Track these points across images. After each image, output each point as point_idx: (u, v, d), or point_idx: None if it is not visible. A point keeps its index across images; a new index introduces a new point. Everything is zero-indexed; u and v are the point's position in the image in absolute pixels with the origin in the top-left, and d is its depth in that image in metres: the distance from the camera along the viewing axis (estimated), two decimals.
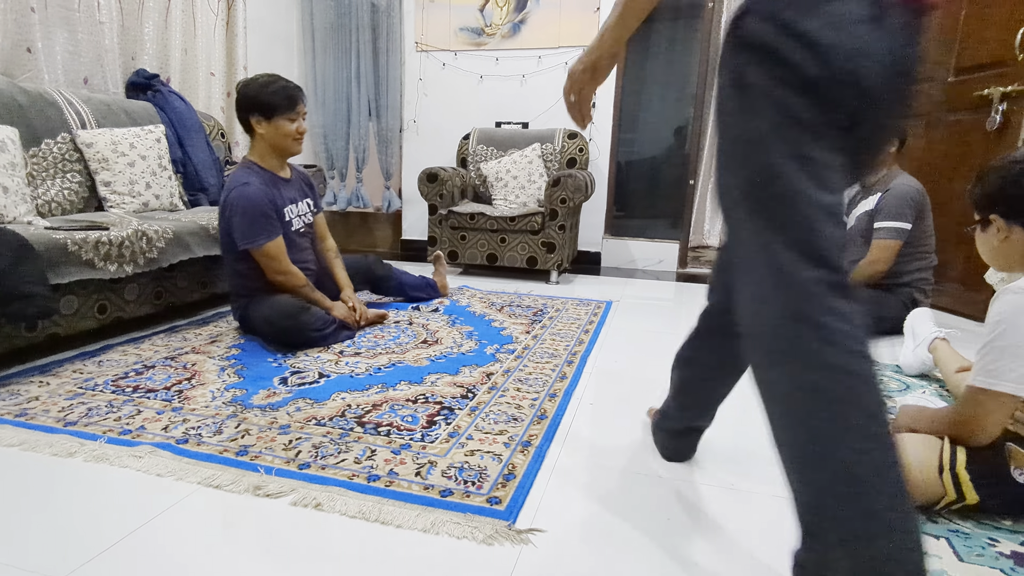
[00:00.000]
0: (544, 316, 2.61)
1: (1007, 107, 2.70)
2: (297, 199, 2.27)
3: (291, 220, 2.22)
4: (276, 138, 2.12)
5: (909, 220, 2.46)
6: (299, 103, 2.12)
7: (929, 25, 0.85)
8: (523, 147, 3.74)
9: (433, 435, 1.45)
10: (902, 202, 2.47)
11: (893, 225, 2.46)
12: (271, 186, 2.15)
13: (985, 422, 1.14)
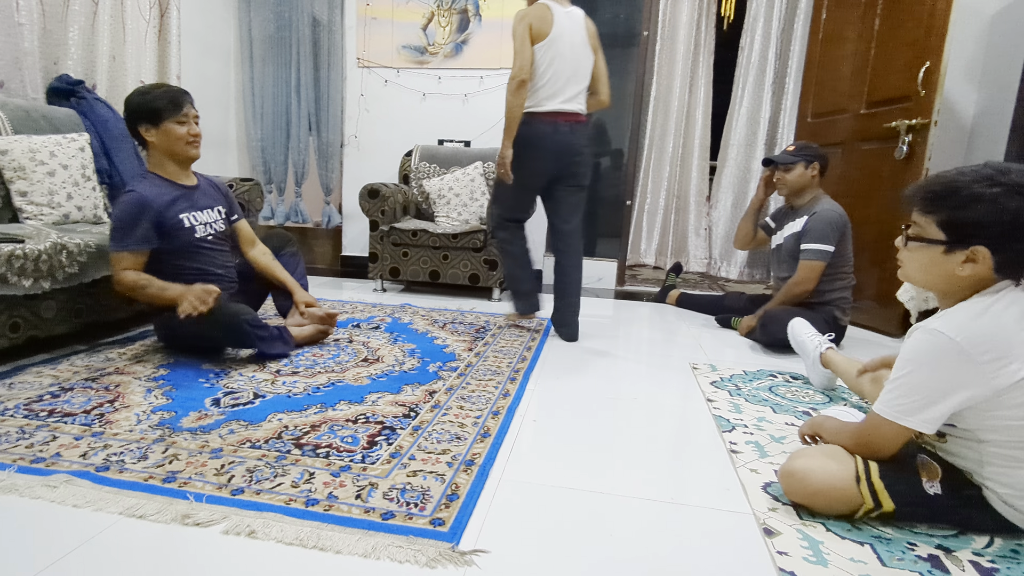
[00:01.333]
0: (486, 333, 2.60)
1: (912, 138, 2.90)
2: (203, 206, 2.18)
3: (193, 227, 2.12)
4: (168, 144, 2.05)
5: (832, 243, 2.60)
6: (184, 105, 2.05)
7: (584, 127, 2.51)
8: (465, 165, 3.74)
9: (374, 456, 1.40)
10: (827, 226, 2.61)
11: (818, 247, 2.59)
12: (167, 193, 2.06)
13: (883, 448, 1.20)
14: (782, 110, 4.54)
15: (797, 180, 2.72)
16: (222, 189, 2.34)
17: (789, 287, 2.65)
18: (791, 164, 2.72)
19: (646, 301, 3.76)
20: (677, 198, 4.92)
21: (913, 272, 1.24)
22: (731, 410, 1.84)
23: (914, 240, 1.20)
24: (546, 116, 2.41)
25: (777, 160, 2.77)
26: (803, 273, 2.61)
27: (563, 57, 2.38)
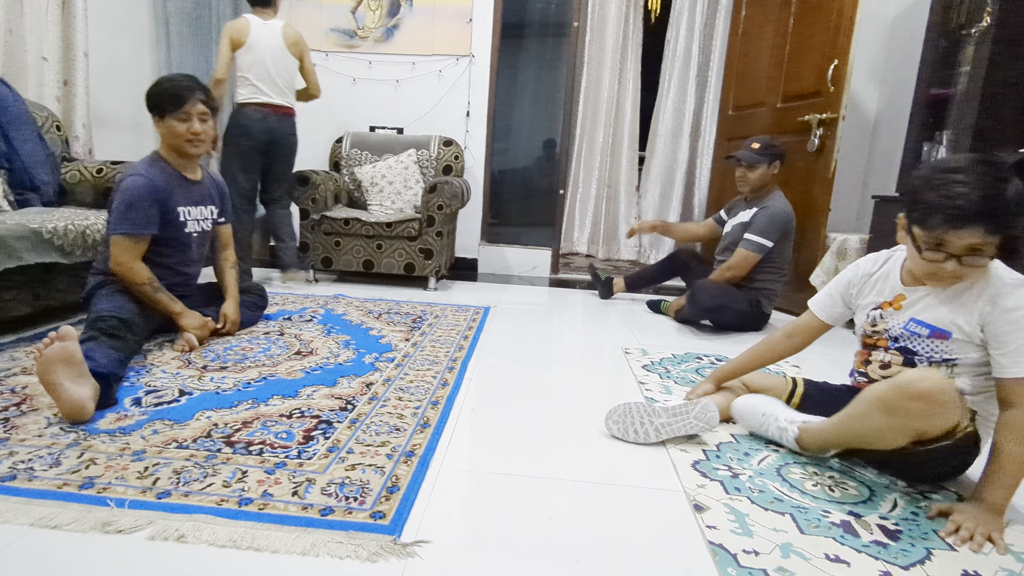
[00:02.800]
0: (423, 323, 2.57)
1: (823, 131, 3.06)
2: (200, 204, 2.15)
3: (185, 222, 2.08)
4: (169, 139, 2.02)
5: (772, 240, 2.73)
6: (187, 103, 1.97)
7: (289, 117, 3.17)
8: (398, 152, 3.67)
9: (311, 451, 1.36)
10: (771, 222, 2.73)
11: (758, 240, 2.72)
12: (172, 184, 2.03)
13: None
14: (706, 103, 4.69)
15: (759, 179, 2.81)
16: (220, 189, 2.30)
17: (722, 269, 2.79)
18: (756, 163, 2.79)
19: (580, 288, 3.82)
20: (608, 187, 5.01)
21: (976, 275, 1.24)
22: (662, 392, 1.90)
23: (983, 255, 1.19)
24: (255, 107, 3.03)
25: (743, 159, 2.82)
26: (737, 260, 2.74)
27: (262, 60, 3.01)
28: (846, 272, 1.51)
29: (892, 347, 1.39)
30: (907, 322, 1.34)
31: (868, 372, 1.44)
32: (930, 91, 2.70)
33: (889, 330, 1.38)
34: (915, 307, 1.34)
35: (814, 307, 1.57)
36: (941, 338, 1.29)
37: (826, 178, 3.04)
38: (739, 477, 1.36)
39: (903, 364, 1.36)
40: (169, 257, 2.06)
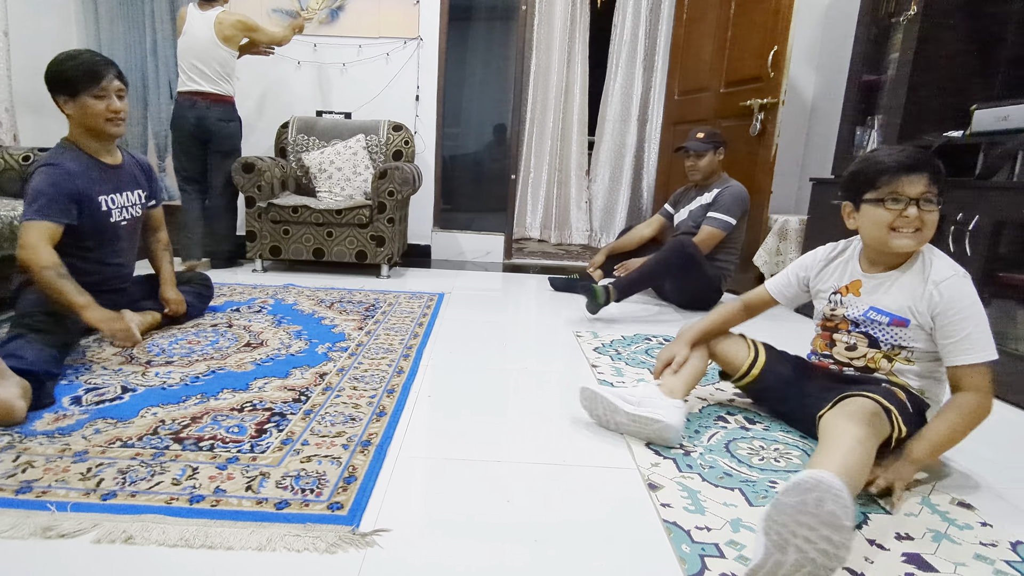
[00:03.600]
0: (377, 311, 2.53)
1: (764, 116, 3.14)
2: (123, 189, 2.00)
3: (109, 211, 1.93)
4: (85, 119, 1.84)
5: (736, 217, 2.84)
6: (104, 78, 1.83)
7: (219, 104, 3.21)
8: (347, 138, 3.58)
9: (264, 444, 1.33)
10: (735, 201, 2.84)
11: (723, 217, 2.82)
12: (88, 171, 1.87)
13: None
14: (652, 87, 4.75)
15: (708, 166, 2.94)
16: (146, 170, 2.15)
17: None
18: (703, 152, 2.91)
19: (533, 273, 3.84)
20: (559, 172, 5.02)
21: (931, 231, 1.31)
22: (613, 374, 1.93)
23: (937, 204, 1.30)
24: (186, 95, 3.16)
25: (692, 148, 2.93)
26: (703, 236, 2.82)
27: (193, 50, 3.10)
28: (805, 257, 1.57)
29: (854, 331, 1.43)
30: (867, 309, 1.39)
31: (834, 354, 1.48)
32: (862, 77, 2.80)
33: (848, 315, 1.43)
34: (874, 294, 1.39)
35: (772, 290, 1.61)
36: (900, 325, 1.35)
37: (768, 161, 3.12)
38: (691, 455, 1.39)
39: (868, 346, 1.41)
40: (96, 251, 1.92)
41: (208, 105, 3.17)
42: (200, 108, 3.15)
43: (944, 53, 2.42)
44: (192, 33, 3.09)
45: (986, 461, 1.47)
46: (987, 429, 1.66)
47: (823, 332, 1.52)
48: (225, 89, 3.22)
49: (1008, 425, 1.73)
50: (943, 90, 2.43)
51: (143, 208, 2.10)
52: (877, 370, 1.41)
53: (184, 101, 3.16)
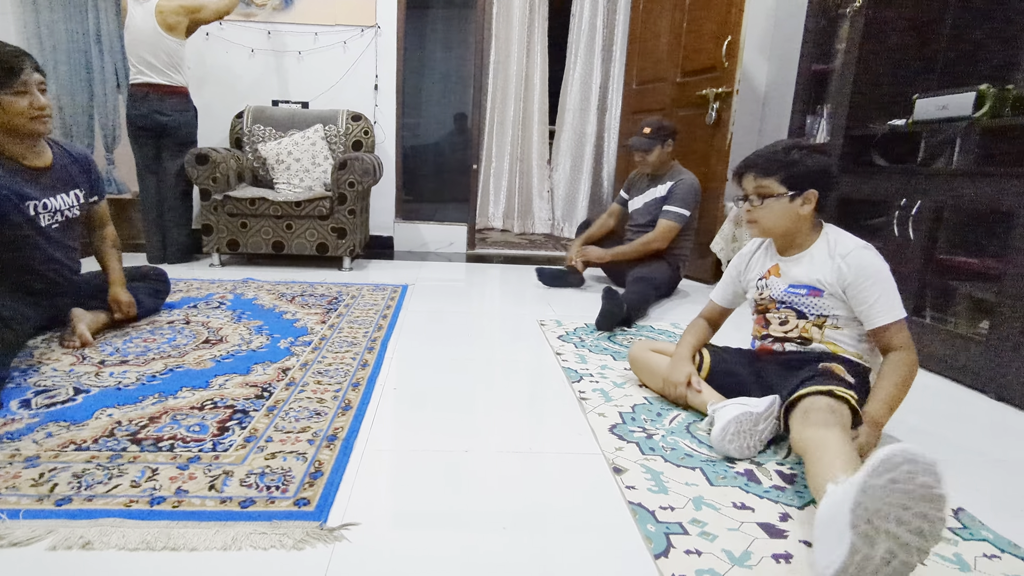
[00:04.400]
0: (339, 304, 2.50)
1: (719, 105, 3.20)
2: (56, 192, 1.85)
3: (38, 215, 1.79)
4: (6, 120, 1.69)
5: (691, 209, 2.89)
6: (22, 73, 1.67)
7: (172, 96, 3.13)
8: (304, 128, 3.50)
9: (227, 442, 1.30)
10: (689, 192, 2.89)
11: (679, 211, 2.86)
12: (10, 175, 1.72)
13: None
14: (611, 77, 4.77)
15: (657, 159, 2.95)
16: (84, 165, 1.98)
17: (646, 242, 2.89)
18: (650, 148, 2.92)
19: (496, 263, 3.84)
20: (520, 162, 5.02)
21: (770, 222, 1.49)
22: (578, 361, 1.95)
23: (767, 197, 1.46)
24: (137, 87, 3.08)
25: (637, 146, 2.94)
26: (660, 232, 2.85)
27: (137, 41, 3.03)
28: (733, 260, 1.69)
29: (781, 307, 1.52)
30: (787, 287, 1.50)
31: (771, 332, 1.54)
32: (812, 67, 2.87)
33: (774, 295, 1.53)
34: (790, 273, 1.50)
35: (716, 299, 1.72)
36: (816, 295, 1.45)
37: (723, 150, 3.18)
38: (653, 437, 1.42)
39: (797, 318, 1.49)
40: (27, 259, 1.80)
41: (161, 97, 3.09)
42: (153, 101, 3.08)
43: (888, 44, 2.50)
44: (135, 25, 3.02)
45: (926, 434, 1.54)
46: (927, 404, 1.75)
47: (758, 316, 1.60)
48: (177, 80, 3.13)
49: (947, 399, 1.82)
50: (888, 80, 2.51)
51: (83, 207, 1.97)
52: (811, 340, 1.48)
53: (136, 93, 3.08)
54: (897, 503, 0.81)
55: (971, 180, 1.95)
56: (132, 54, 3.06)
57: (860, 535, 0.82)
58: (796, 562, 0.99)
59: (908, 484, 0.81)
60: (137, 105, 3.08)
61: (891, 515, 0.81)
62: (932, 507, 0.81)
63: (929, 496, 0.81)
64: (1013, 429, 1.63)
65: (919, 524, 0.81)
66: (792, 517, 1.12)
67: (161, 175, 3.22)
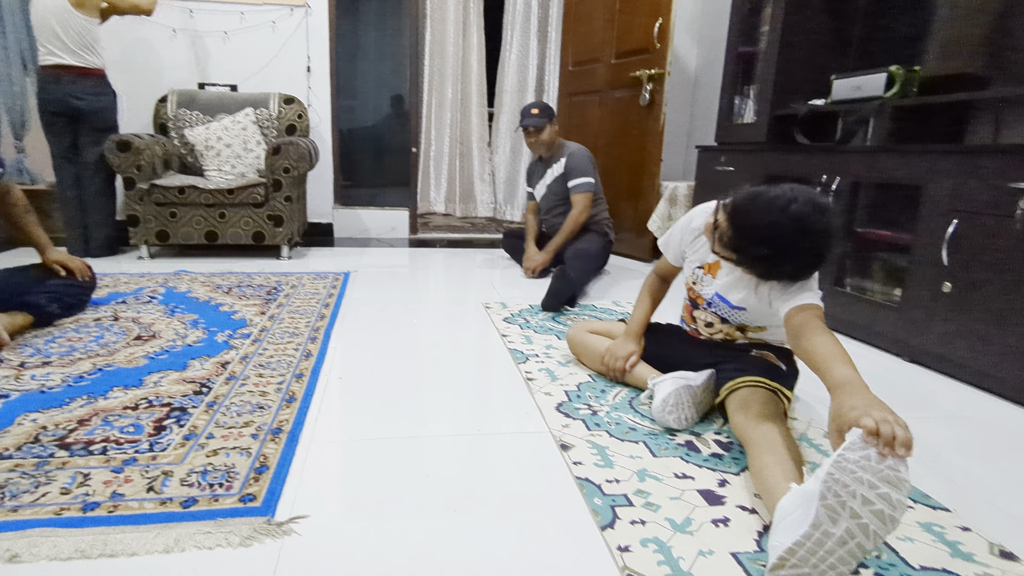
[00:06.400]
0: (279, 294, 2.42)
1: (652, 87, 3.25)
2: None
3: None
4: None
5: (592, 175, 2.93)
6: None
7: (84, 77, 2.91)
8: (234, 112, 3.34)
9: (164, 442, 1.24)
10: (585, 162, 2.93)
11: (585, 180, 2.90)
12: None
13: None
14: (547, 58, 4.76)
15: (549, 138, 2.96)
16: None
17: (574, 219, 2.90)
18: (543, 126, 2.92)
19: (440, 248, 3.80)
20: (461, 144, 4.96)
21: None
22: (523, 342, 1.97)
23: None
24: (48, 69, 2.89)
25: (531, 125, 2.91)
26: (580, 204, 2.89)
27: (45, 18, 2.83)
28: (684, 218, 1.55)
29: (707, 308, 1.51)
30: (713, 295, 1.47)
31: (698, 328, 1.57)
32: (738, 49, 2.95)
33: (703, 293, 1.51)
34: (723, 280, 1.43)
35: (667, 256, 1.62)
36: (740, 310, 1.43)
37: (657, 130, 3.24)
38: (598, 414, 1.45)
39: (721, 323, 1.50)
40: None
41: (74, 79, 2.90)
42: (65, 83, 2.88)
43: (808, 27, 2.59)
44: (42, 2, 2.81)
45: None
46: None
47: (687, 303, 1.59)
48: (91, 61, 2.93)
49: (866, 363, 1.94)
50: (809, 61, 2.61)
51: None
52: (735, 340, 1.51)
53: (47, 76, 2.89)
54: (866, 481, 0.81)
55: (884, 157, 2.06)
56: (40, 33, 2.85)
57: (826, 508, 0.82)
58: (734, 525, 1.04)
59: (879, 464, 0.81)
60: (48, 89, 2.89)
61: (858, 493, 0.81)
62: (896, 491, 0.80)
63: (895, 479, 0.80)
64: (925, 388, 1.75)
65: (881, 507, 0.80)
66: (730, 483, 1.17)
67: (79, 164, 3.02)
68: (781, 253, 1.18)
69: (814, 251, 1.17)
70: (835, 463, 0.83)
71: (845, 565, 0.82)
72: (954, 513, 1.10)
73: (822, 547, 0.82)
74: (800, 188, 1.17)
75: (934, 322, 1.84)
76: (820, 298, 1.23)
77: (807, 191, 1.17)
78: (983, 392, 1.71)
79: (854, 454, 0.82)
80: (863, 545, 0.81)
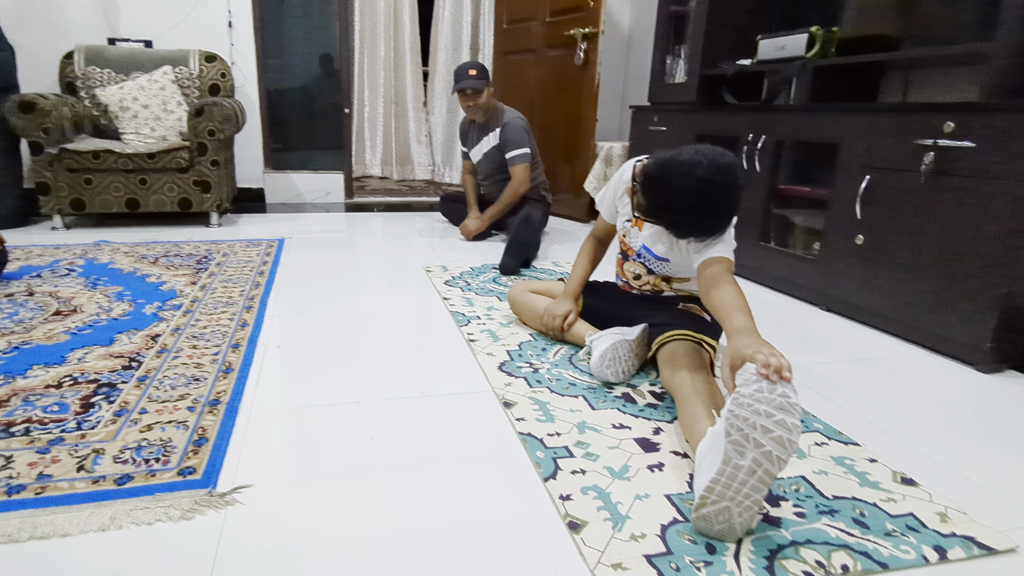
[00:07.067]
0: (210, 263, 2.31)
1: (587, 45, 3.23)
2: None
3: None
4: None
5: (528, 145, 2.87)
6: None
7: None
8: (151, 70, 3.11)
9: (93, 419, 1.19)
10: (520, 133, 2.86)
11: (521, 152, 2.84)
12: None
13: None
14: (481, 15, 4.64)
15: (486, 102, 2.85)
16: None
17: (513, 190, 2.85)
18: (481, 88, 2.81)
19: (378, 212, 3.72)
20: (395, 105, 4.81)
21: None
22: (465, 304, 1.97)
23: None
24: None
25: (468, 87, 2.79)
26: (518, 176, 2.84)
27: None
28: (616, 173, 1.61)
29: (636, 260, 1.56)
30: (641, 246, 1.52)
31: (628, 281, 1.62)
32: (669, 8, 2.96)
33: (632, 245, 1.56)
34: (647, 232, 1.50)
35: (603, 215, 1.66)
36: (664, 262, 1.50)
37: (592, 91, 3.24)
38: (539, 371, 1.48)
39: (647, 274, 1.56)
40: None
41: None
42: None
43: None
44: None
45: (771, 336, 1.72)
46: (774, 316, 1.95)
47: (619, 257, 1.64)
48: None
49: (787, 312, 2.05)
50: (737, 21, 2.65)
51: None
52: (662, 291, 1.57)
53: None
54: (763, 412, 0.85)
55: (805, 116, 2.14)
56: None
57: (732, 444, 0.87)
58: (668, 469, 1.09)
59: (771, 394, 0.87)
60: None
61: (758, 424, 0.85)
62: (790, 416, 0.85)
63: (787, 405, 0.86)
64: (838, 335, 1.87)
65: (780, 433, 0.85)
66: (664, 431, 1.23)
67: None
68: (691, 216, 1.24)
69: (722, 211, 1.24)
70: (733, 400, 0.88)
71: (758, 492, 0.88)
72: (863, 447, 1.20)
73: (735, 480, 0.87)
74: (706, 151, 1.21)
75: (848, 273, 1.96)
76: (732, 250, 1.30)
77: (712, 154, 1.21)
78: (891, 337, 1.85)
79: (748, 388, 0.88)
80: (770, 471, 0.86)
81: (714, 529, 0.90)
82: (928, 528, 0.96)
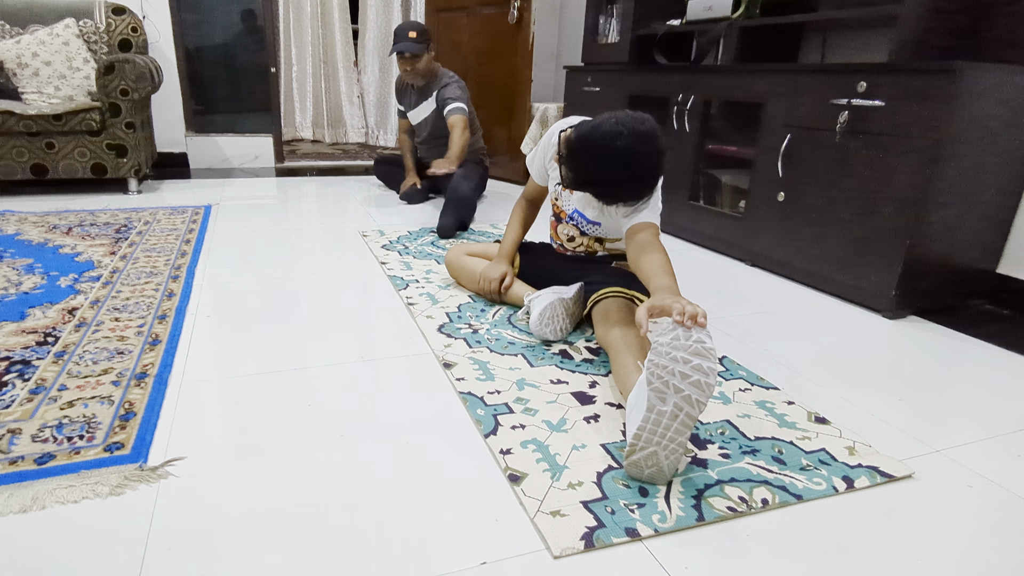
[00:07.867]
0: (131, 232, 2.17)
1: (520, 4, 3.16)
2: None
3: None
4: None
5: (466, 102, 2.79)
6: None
7: None
8: (51, 22, 2.83)
9: (7, 398, 1.11)
10: (460, 89, 2.79)
11: (460, 105, 2.74)
12: None
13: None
14: None
15: (425, 66, 2.75)
16: None
17: (458, 143, 2.68)
18: (420, 52, 2.70)
19: (311, 176, 3.58)
20: (325, 64, 4.59)
21: None
22: (403, 268, 1.94)
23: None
24: None
25: (407, 51, 2.67)
26: (458, 127, 2.71)
27: None
28: (545, 135, 1.59)
29: (568, 222, 1.57)
30: (573, 209, 1.54)
31: (563, 243, 1.63)
32: None
33: (564, 207, 1.57)
34: (578, 196, 1.51)
35: (534, 177, 1.65)
36: (595, 225, 1.52)
37: (527, 51, 3.19)
38: (478, 332, 1.48)
39: (580, 235, 1.58)
40: None
41: None
42: None
43: None
44: None
45: (700, 298, 1.79)
46: (702, 272, 2.02)
47: (552, 220, 1.65)
48: None
49: (714, 269, 2.12)
50: None
51: None
52: (596, 252, 1.60)
53: None
54: (680, 358, 0.88)
55: (731, 76, 2.18)
56: None
57: (654, 392, 0.90)
58: (603, 420, 1.13)
59: (687, 340, 0.89)
60: None
61: (676, 371, 0.88)
62: (706, 360, 0.88)
63: (703, 350, 0.89)
64: (761, 288, 1.96)
65: (697, 377, 0.87)
66: (599, 384, 1.26)
67: None
68: (615, 186, 1.25)
69: (645, 177, 1.25)
70: (653, 350, 0.91)
71: (682, 435, 0.92)
72: (782, 391, 1.27)
73: (660, 425, 0.90)
74: (625, 119, 1.21)
75: (770, 229, 2.04)
76: (659, 213, 1.34)
77: (631, 122, 1.20)
78: (808, 288, 1.95)
79: (665, 337, 0.91)
80: (691, 414, 0.89)
81: (645, 473, 0.95)
82: (838, 461, 1.04)
